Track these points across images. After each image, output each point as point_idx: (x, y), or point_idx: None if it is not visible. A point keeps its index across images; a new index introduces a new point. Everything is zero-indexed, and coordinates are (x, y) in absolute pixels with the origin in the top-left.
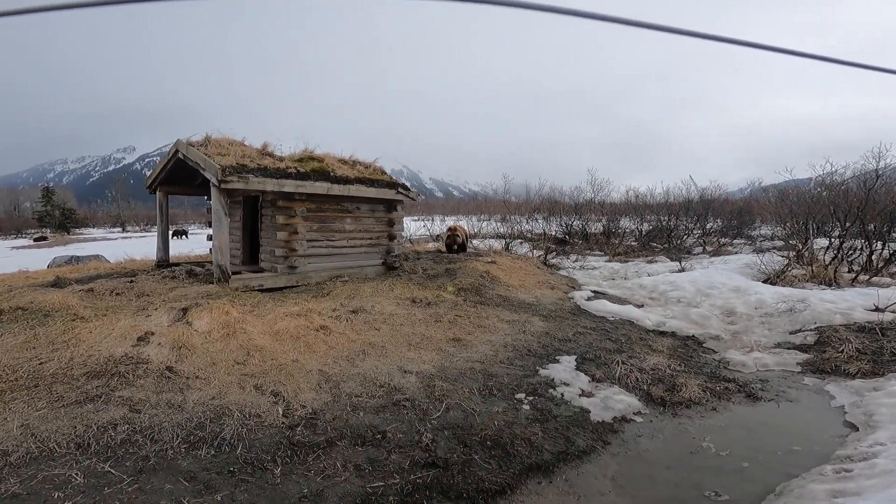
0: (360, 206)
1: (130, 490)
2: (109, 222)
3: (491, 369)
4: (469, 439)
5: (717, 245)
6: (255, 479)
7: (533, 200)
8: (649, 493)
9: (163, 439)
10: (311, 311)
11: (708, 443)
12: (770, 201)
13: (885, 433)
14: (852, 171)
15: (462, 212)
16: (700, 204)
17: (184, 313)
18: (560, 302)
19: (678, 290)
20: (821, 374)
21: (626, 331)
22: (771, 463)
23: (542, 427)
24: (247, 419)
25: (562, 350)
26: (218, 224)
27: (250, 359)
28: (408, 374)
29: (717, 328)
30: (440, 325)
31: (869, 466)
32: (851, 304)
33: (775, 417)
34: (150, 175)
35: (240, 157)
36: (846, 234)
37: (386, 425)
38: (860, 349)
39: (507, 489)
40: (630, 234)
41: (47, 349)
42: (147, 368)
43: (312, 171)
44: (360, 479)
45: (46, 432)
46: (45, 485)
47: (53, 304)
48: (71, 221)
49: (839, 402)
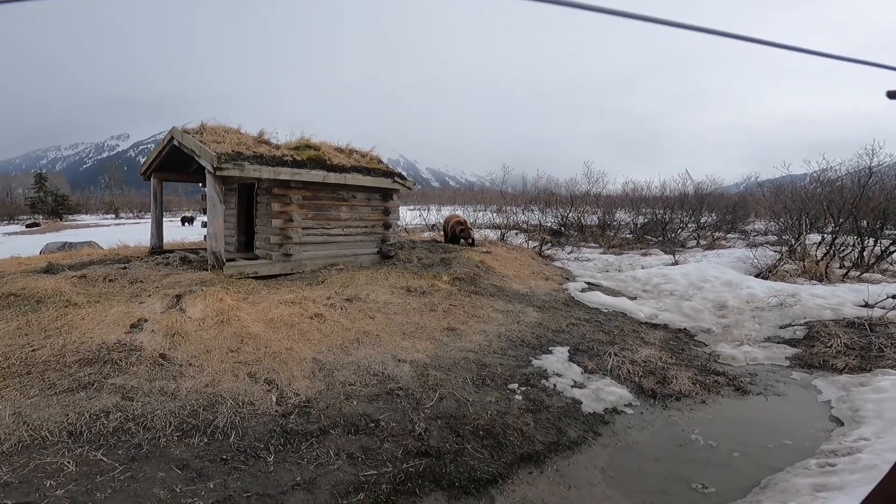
0: (355, 195)
1: (122, 478)
2: (103, 209)
3: (484, 359)
4: (462, 429)
5: (711, 239)
6: (247, 467)
7: (529, 192)
8: (638, 485)
9: (155, 427)
10: (306, 299)
11: (696, 435)
12: (765, 196)
13: (869, 428)
14: (847, 168)
15: (458, 202)
16: (695, 198)
17: (177, 300)
18: (554, 293)
19: (671, 283)
20: (809, 369)
21: (619, 323)
22: (757, 456)
23: (535, 417)
24: (240, 407)
25: (555, 341)
26: (213, 211)
27: (244, 346)
28: (402, 363)
29: (708, 321)
30: (434, 315)
31: (853, 461)
32: (841, 300)
33: (763, 411)
34: (145, 162)
35: (235, 145)
36: (839, 230)
37: (379, 414)
38: (848, 344)
39: (498, 478)
40: (625, 226)
41: (39, 336)
42: (140, 356)
43: (309, 159)
44: (353, 467)
45: (38, 420)
46: (36, 473)
47: (46, 291)
48: (64, 208)
49: (826, 397)
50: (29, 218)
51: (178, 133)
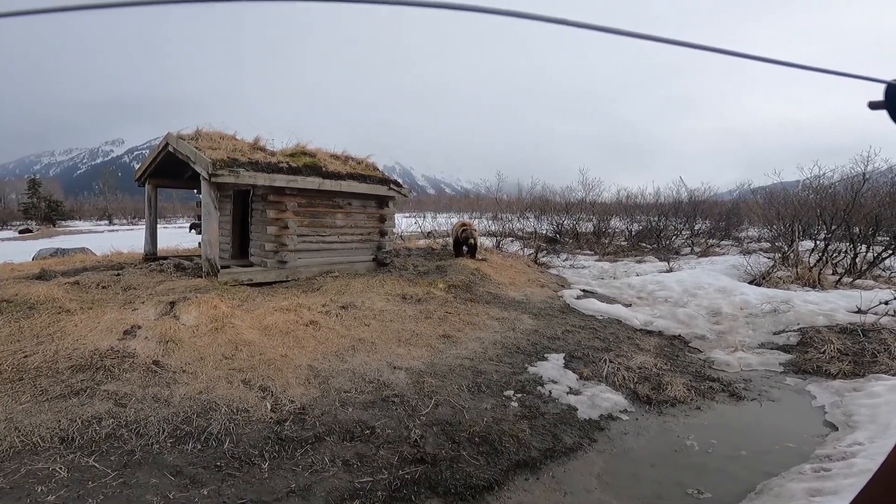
0: (351, 202)
1: (115, 484)
2: (96, 215)
3: (480, 366)
4: (457, 435)
5: (704, 246)
6: (242, 474)
7: (525, 199)
8: (634, 491)
9: (148, 433)
10: (301, 306)
11: (692, 441)
12: (758, 203)
13: (863, 433)
14: (840, 175)
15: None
16: (689, 205)
17: (171, 307)
18: (550, 300)
19: (666, 290)
20: (802, 375)
21: (614, 329)
22: (752, 461)
23: (530, 424)
24: (234, 414)
25: (550, 348)
26: (207, 218)
27: (238, 353)
28: (397, 371)
29: (702, 328)
30: (430, 322)
31: (847, 466)
32: (834, 306)
33: (757, 417)
34: (140, 168)
35: (231, 151)
36: (831, 236)
37: (375, 421)
38: (842, 350)
39: (494, 485)
40: (620, 233)
41: (32, 342)
42: (133, 362)
43: (304, 165)
44: (349, 474)
45: (30, 426)
46: (28, 479)
47: (38, 297)
48: (57, 213)
49: (820, 402)
50: (22, 224)
51: (173, 139)
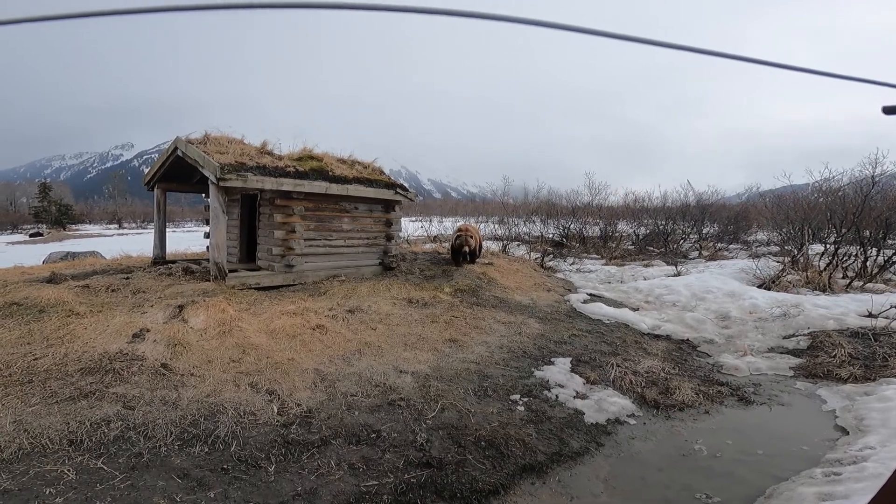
0: (358, 206)
1: (123, 487)
2: (106, 219)
3: (486, 370)
4: (463, 439)
5: (713, 250)
6: (248, 477)
7: (531, 203)
8: (641, 495)
9: (156, 436)
10: (308, 310)
11: (700, 445)
12: (767, 207)
13: (875, 437)
14: (849, 178)
15: (460, 213)
16: (697, 208)
17: (180, 310)
18: (556, 304)
19: (673, 294)
20: (813, 379)
21: (621, 334)
22: (761, 466)
23: (537, 428)
24: (241, 417)
25: (557, 352)
26: (215, 222)
27: (246, 357)
28: (403, 374)
29: (711, 332)
30: (436, 326)
31: (858, 470)
32: (845, 310)
33: (767, 421)
34: (149, 172)
35: (238, 156)
36: (842, 240)
37: (381, 424)
38: (852, 354)
39: (500, 489)
40: (627, 237)
41: (42, 345)
42: (142, 365)
43: (311, 170)
44: (355, 477)
45: (39, 428)
46: (36, 481)
47: (49, 300)
48: (67, 217)
49: (830, 407)
50: (32, 227)
51: (181, 143)
